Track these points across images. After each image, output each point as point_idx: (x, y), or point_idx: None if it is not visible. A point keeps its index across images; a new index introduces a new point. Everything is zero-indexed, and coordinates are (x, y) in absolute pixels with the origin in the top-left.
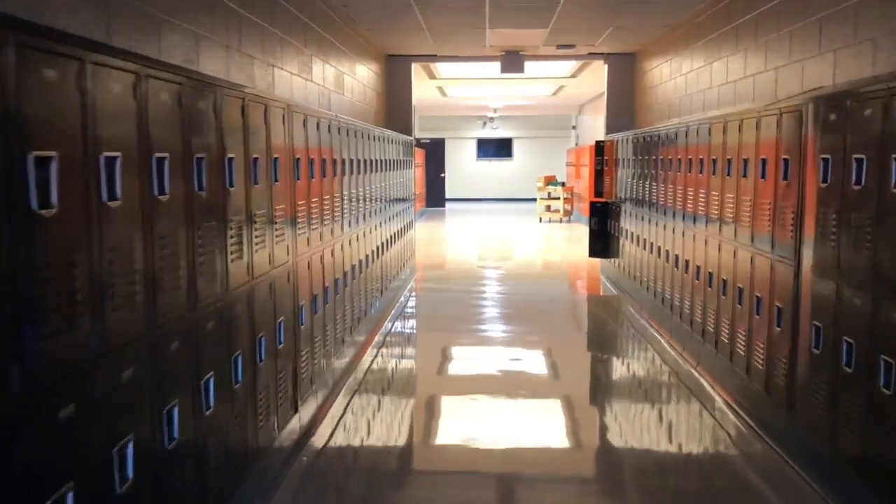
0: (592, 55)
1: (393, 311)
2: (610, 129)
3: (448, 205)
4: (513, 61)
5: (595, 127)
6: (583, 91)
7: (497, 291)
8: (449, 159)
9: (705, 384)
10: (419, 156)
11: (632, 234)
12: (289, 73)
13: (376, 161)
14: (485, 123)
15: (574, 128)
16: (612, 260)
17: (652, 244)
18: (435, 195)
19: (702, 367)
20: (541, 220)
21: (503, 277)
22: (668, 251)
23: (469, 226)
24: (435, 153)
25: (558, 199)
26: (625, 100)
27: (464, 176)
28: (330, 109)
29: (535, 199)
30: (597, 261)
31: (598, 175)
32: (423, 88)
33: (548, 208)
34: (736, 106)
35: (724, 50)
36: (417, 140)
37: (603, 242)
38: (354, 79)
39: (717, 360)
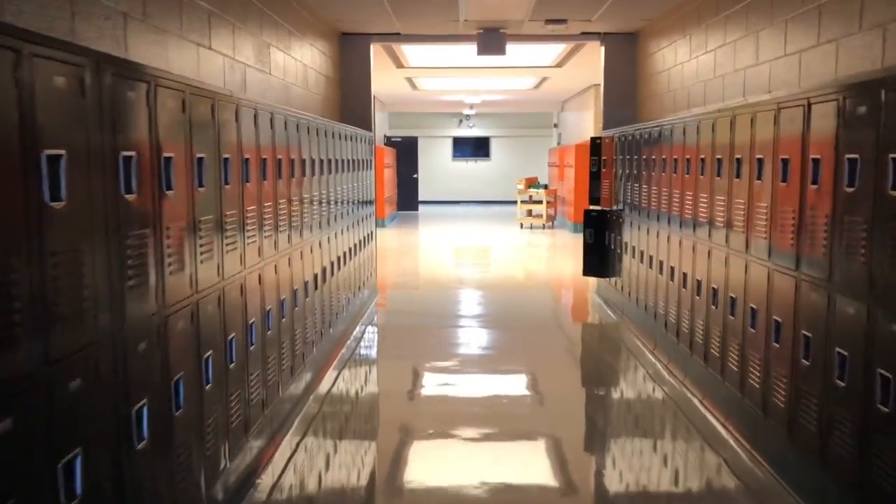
0: (587, 35)
1: (337, 360)
2: (608, 123)
3: (422, 208)
4: (492, 41)
5: (580, 125)
6: (567, 85)
7: (476, 319)
8: (423, 159)
9: (755, 466)
10: (389, 155)
11: (636, 249)
12: (194, 45)
13: (322, 161)
14: (461, 121)
15: (556, 126)
16: (611, 280)
17: (662, 262)
18: (407, 198)
19: (733, 419)
20: (522, 226)
21: (483, 301)
22: (684, 273)
23: (443, 233)
24: (407, 153)
25: (541, 202)
26: (625, 89)
27: (439, 177)
28: (245, 93)
29: (514, 202)
30: (590, 278)
31: (594, 178)
32: (390, 79)
33: (529, 213)
34: (771, 92)
35: (752, 24)
36: (388, 138)
37: (600, 259)
38: (290, 56)
39: (766, 427)
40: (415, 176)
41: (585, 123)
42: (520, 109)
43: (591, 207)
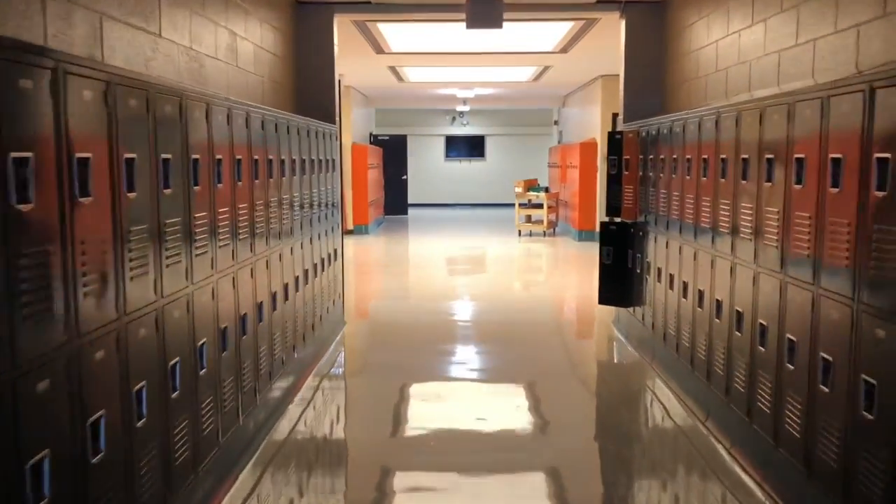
0: (603, 3)
1: (256, 454)
2: (629, 114)
3: (412, 211)
4: (485, 11)
5: (585, 121)
6: (570, 76)
7: (469, 367)
8: (413, 159)
9: None
10: (375, 155)
11: (667, 272)
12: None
13: (264, 162)
14: (454, 118)
15: (556, 123)
16: (634, 310)
17: (702, 292)
18: (396, 201)
19: None
20: (520, 233)
21: (480, 340)
22: (738, 311)
23: (433, 242)
24: (395, 152)
25: (541, 207)
26: (651, 72)
27: (430, 178)
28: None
29: (511, 205)
30: (602, 305)
31: (613, 183)
32: (371, 68)
33: (528, 219)
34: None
35: None
36: (374, 137)
37: (620, 283)
38: (225, 29)
39: None
40: (404, 177)
41: (591, 119)
42: (517, 105)
43: (609, 220)
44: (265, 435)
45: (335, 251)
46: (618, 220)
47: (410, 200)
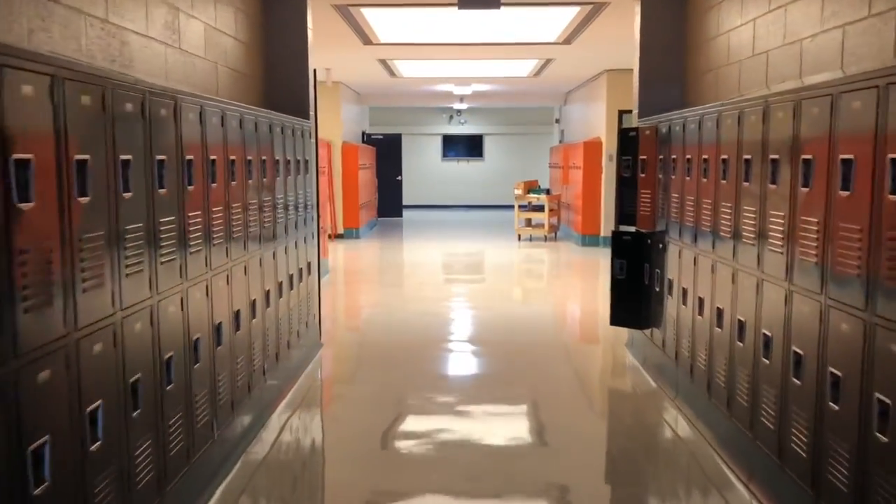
0: None
1: None
2: (644, 108)
3: (407, 213)
4: None
5: (588, 119)
6: (573, 70)
7: (468, 396)
8: (408, 159)
9: None
10: (367, 155)
11: (694, 293)
12: None
13: (223, 163)
14: (451, 117)
15: (557, 121)
16: (651, 332)
17: (742, 322)
18: (390, 203)
19: None
20: (520, 238)
21: (478, 362)
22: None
23: (427, 247)
24: (389, 152)
25: (542, 210)
26: (670, 60)
27: (426, 179)
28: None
29: (510, 206)
30: (613, 323)
31: (626, 186)
32: (360, 62)
33: (528, 222)
34: None
35: None
36: (367, 136)
37: (635, 302)
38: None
39: None
40: (399, 178)
41: (595, 117)
42: (517, 103)
43: (622, 229)
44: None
45: (309, 264)
46: (632, 229)
47: (406, 202)
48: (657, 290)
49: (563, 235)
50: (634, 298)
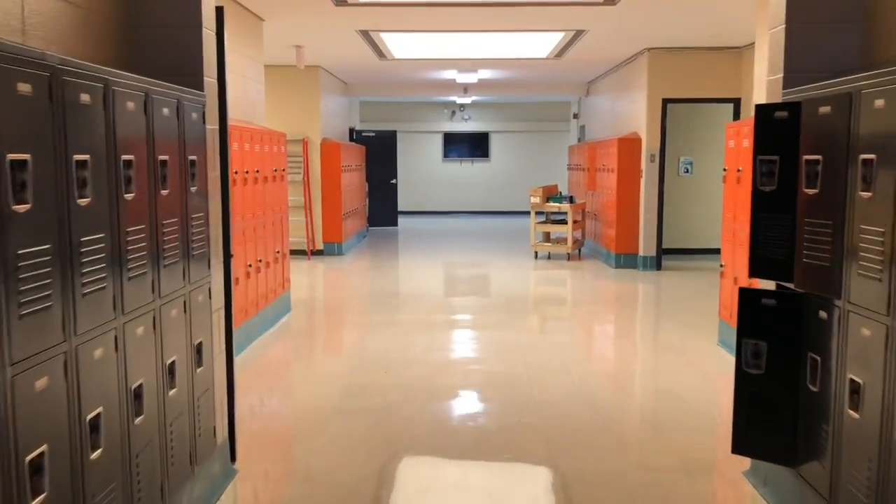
0: None
1: None
2: (795, 69)
3: (403, 221)
4: None
5: (620, 112)
6: (606, 48)
7: None
8: (404, 160)
9: None
10: (355, 155)
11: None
12: None
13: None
14: (453, 113)
15: (576, 116)
16: (807, 469)
17: None
18: (382, 209)
19: None
20: (537, 255)
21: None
22: None
23: (426, 267)
24: (382, 151)
25: (564, 222)
26: None
27: (425, 182)
28: None
29: (520, 213)
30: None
31: (768, 208)
32: (337, 35)
33: (547, 237)
34: None
35: None
36: (356, 133)
37: (778, 416)
38: None
39: None
40: (393, 181)
41: (631, 109)
42: (529, 96)
43: (757, 286)
44: None
45: (200, 346)
46: (779, 287)
47: (401, 208)
48: (826, 397)
49: (589, 252)
50: (779, 410)
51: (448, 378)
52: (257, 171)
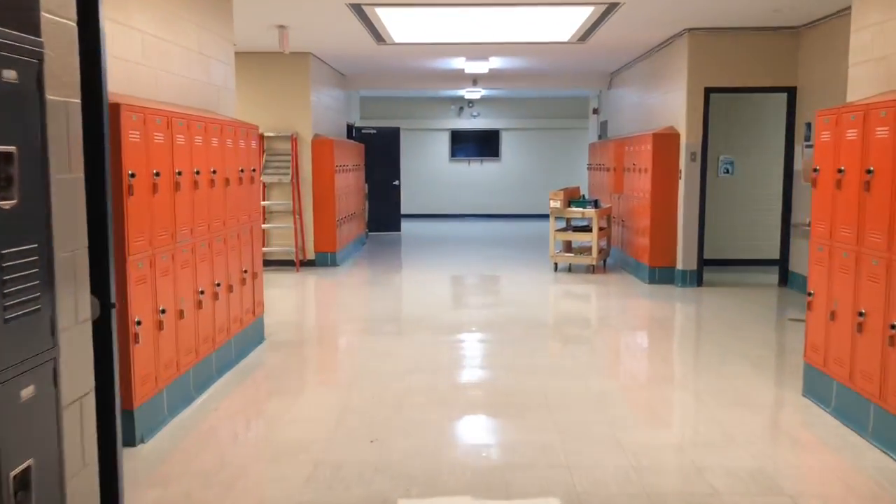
0: None
1: None
2: None
3: (407, 224)
4: None
5: (651, 105)
6: (636, 29)
7: None
8: (408, 160)
9: None
10: (351, 154)
11: None
12: None
13: None
14: (461, 109)
15: (596, 112)
16: None
17: None
18: (384, 214)
19: None
20: (557, 267)
21: None
22: None
23: (431, 280)
24: (384, 150)
25: (587, 229)
26: None
27: (430, 184)
28: None
29: (531, 216)
30: None
31: None
32: (329, 15)
33: (568, 246)
34: None
35: None
36: (355, 130)
37: None
38: None
39: None
40: (396, 183)
41: (667, 100)
42: (544, 88)
43: None
44: None
45: (27, 473)
46: None
47: (405, 211)
48: None
49: (614, 263)
50: None
51: (454, 452)
52: (213, 172)
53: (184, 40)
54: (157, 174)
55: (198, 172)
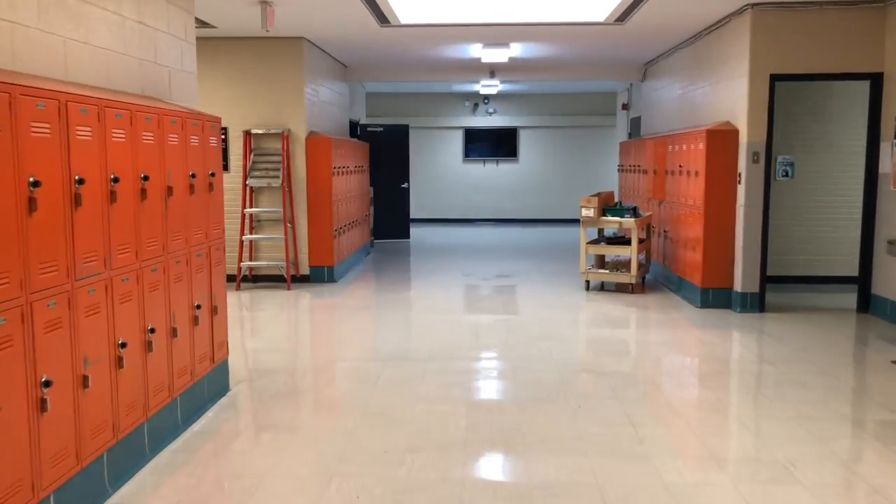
0: None
1: None
2: None
3: (416, 230)
4: None
5: (699, 97)
6: (682, 11)
7: None
8: (418, 160)
9: None
10: (354, 153)
11: None
12: None
13: None
14: (476, 105)
15: (625, 107)
16: None
17: None
18: (392, 219)
19: None
20: (588, 286)
21: None
22: None
23: (442, 302)
24: (391, 150)
25: (625, 243)
26: None
27: (442, 186)
28: None
29: (552, 222)
30: None
31: None
32: None
33: (602, 262)
34: None
35: None
36: (359, 127)
37: None
38: None
39: None
40: (404, 185)
41: (721, 90)
42: (569, 79)
43: None
44: None
45: None
46: None
47: (414, 215)
48: None
49: (653, 280)
50: None
51: None
52: (145, 179)
53: (112, 4)
54: (36, 184)
55: (116, 180)
